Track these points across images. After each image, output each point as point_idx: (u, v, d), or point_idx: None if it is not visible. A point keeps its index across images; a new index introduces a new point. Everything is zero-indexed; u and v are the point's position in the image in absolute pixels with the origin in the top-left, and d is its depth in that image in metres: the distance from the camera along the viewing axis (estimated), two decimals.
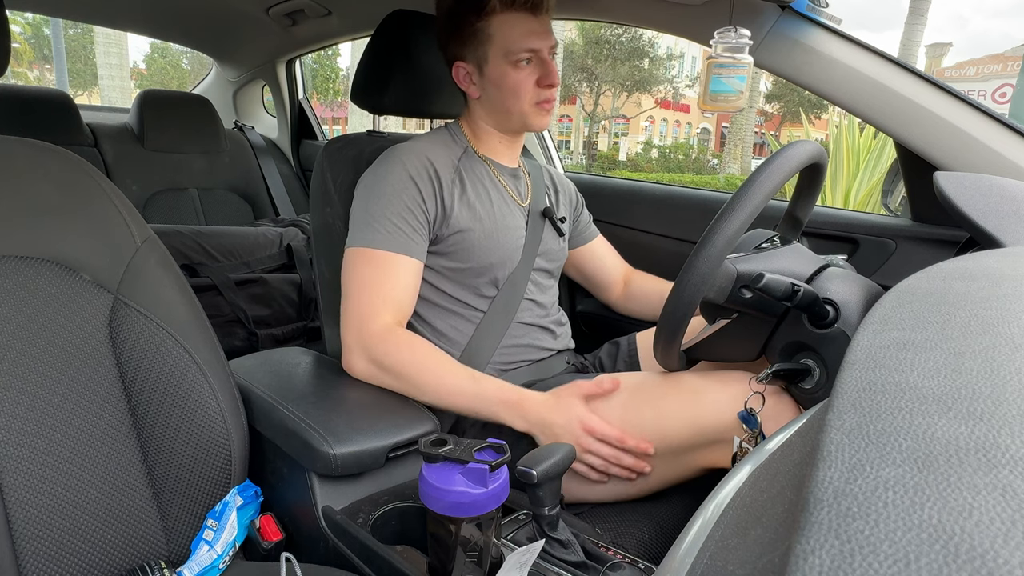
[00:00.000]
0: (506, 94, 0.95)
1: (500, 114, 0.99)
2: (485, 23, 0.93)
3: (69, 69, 16.69)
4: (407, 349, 0.87)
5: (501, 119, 1.00)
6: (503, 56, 0.93)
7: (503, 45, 0.93)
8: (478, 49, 0.95)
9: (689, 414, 0.79)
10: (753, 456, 0.40)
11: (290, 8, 1.75)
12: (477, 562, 0.63)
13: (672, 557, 0.34)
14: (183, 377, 0.75)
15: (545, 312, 1.08)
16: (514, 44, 0.92)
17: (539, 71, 0.95)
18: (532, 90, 0.95)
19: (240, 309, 1.54)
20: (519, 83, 0.94)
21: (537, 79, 0.95)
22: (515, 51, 0.92)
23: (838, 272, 0.77)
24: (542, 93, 0.96)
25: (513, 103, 0.96)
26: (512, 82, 0.94)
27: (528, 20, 0.93)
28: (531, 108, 0.96)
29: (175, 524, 0.75)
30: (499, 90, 0.96)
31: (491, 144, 1.04)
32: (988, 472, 0.20)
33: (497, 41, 0.93)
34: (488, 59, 0.95)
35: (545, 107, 0.98)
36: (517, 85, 0.94)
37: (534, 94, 0.96)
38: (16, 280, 0.70)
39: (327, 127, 15.44)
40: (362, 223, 0.93)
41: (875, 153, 4.20)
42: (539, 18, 0.93)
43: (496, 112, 0.99)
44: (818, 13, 0.97)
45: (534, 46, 0.93)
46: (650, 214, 1.39)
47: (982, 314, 0.34)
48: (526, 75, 0.94)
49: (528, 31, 0.93)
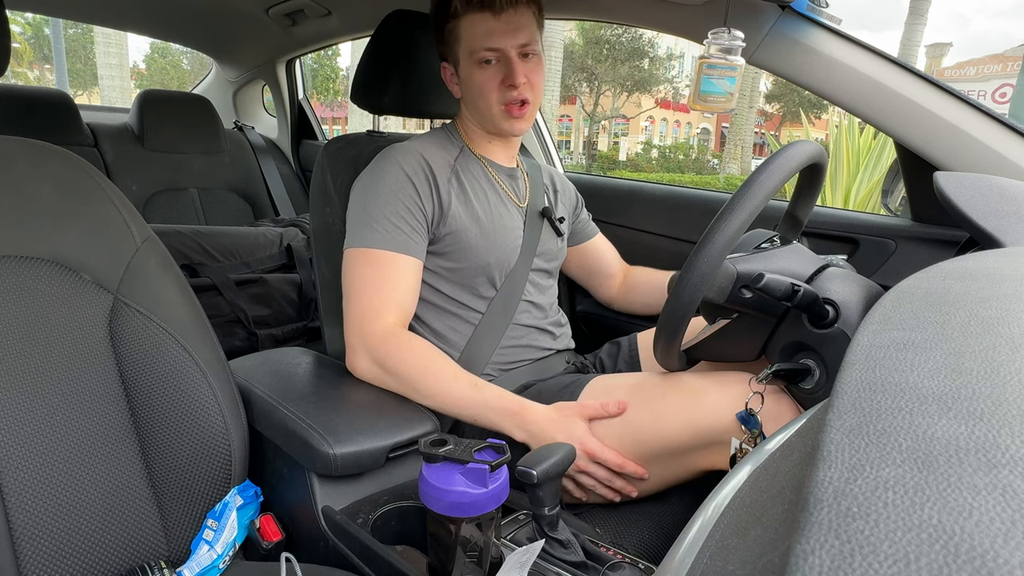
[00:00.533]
0: (475, 94, 0.97)
1: (476, 114, 1.01)
2: (454, 24, 0.95)
3: (69, 69, 16.70)
4: (409, 351, 0.87)
5: (479, 119, 1.01)
6: (469, 56, 0.95)
7: (468, 45, 0.95)
8: (453, 50, 0.97)
9: (689, 415, 0.79)
10: (753, 456, 0.40)
11: (290, 8, 1.75)
12: (477, 562, 0.63)
13: (672, 557, 0.34)
14: (183, 377, 0.75)
15: (544, 314, 1.08)
16: (476, 43, 0.93)
17: (503, 71, 0.94)
18: (497, 90, 0.95)
19: (240, 309, 1.54)
20: (483, 83, 0.95)
21: (502, 79, 0.94)
22: (477, 50, 0.94)
23: (838, 272, 0.76)
24: (507, 94, 0.95)
25: (482, 104, 0.97)
26: (477, 82, 0.95)
27: (488, 20, 0.92)
28: (498, 110, 0.96)
29: (175, 524, 0.75)
30: (469, 90, 0.98)
31: (484, 143, 1.05)
32: (988, 472, 0.20)
33: (463, 42, 0.95)
34: (460, 60, 0.97)
35: (513, 111, 0.96)
36: (481, 85, 0.95)
37: (499, 94, 0.95)
38: (16, 280, 0.70)
39: (327, 127, 15.45)
40: (360, 223, 0.93)
41: (875, 153, 4.20)
42: (499, 17, 0.92)
43: (474, 112, 1.01)
44: (818, 13, 0.97)
45: (495, 45, 0.93)
46: (650, 214, 1.39)
47: (982, 314, 0.34)
48: (490, 75, 0.95)
49: (488, 31, 0.93)
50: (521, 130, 0.99)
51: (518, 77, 0.93)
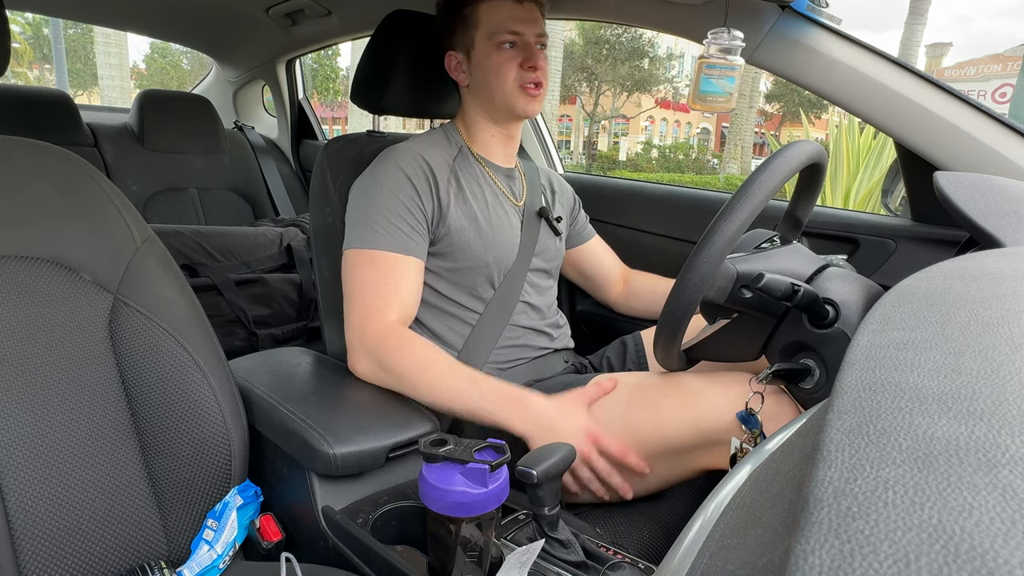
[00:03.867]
0: (489, 75, 0.98)
1: (487, 100, 1.01)
2: (472, 9, 0.97)
3: (69, 69, 16.70)
4: (408, 348, 0.86)
5: (488, 106, 1.02)
6: (488, 38, 0.97)
7: (488, 28, 0.97)
8: (466, 35, 0.99)
9: (689, 415, 0.79)
10: (753, 456, 0.40)
11: (290, 8, 1.75)
12: (477, 562, 0.63)
13: (672, 557, 0.34)
14: (183, 377, 0.75)
15: (541, 316, 1.08)
16: (498, 26, 0.96)
17: (523, 54, 0.97)
18: (515, 71, 0.98)
19: (240, 309, 1.54)
20: (501, 64, 0.97)
21: (520, 61, 0.97)
22: (499, 32, 0.96)
23: (838, 272, 0.76)
24: (525, 75, 0.98)
25: (496, 85, 0.98)
26: (495, 63, 0.97)
27: (510, 5, 0.97)
28: (514, 89, 0.98)
29: (175, 524, 0.75)
30: (483, 72, 0.99)
31: (485, 141, 1.05)
32: (988, 472, 0.20)
33: (483, 25, 0.97)
34: (475, 43, 0.98)
35: (530, 90, 0.98)
36: (499, 66, 0.97)
37: (517, 75, 0.98)
38: (16, 280, 0.70)
39: (327, 127, 15.44)
40: (360, 224, 0.93)
41: (875, 153, 4.20)
42: (523, 5, 0.97)
43: (483, 99, 1.01)
44: (818, 13, 0.97)
45: (518, 29, 0.97)
46: (650, 214, 1.39)
47: (982, 314, 0.34)
48: (508, 57, 0.97)
49: (511, 15, 0.97)
50: (534, 111, 1.01)
51: (538, 59, 0.98)
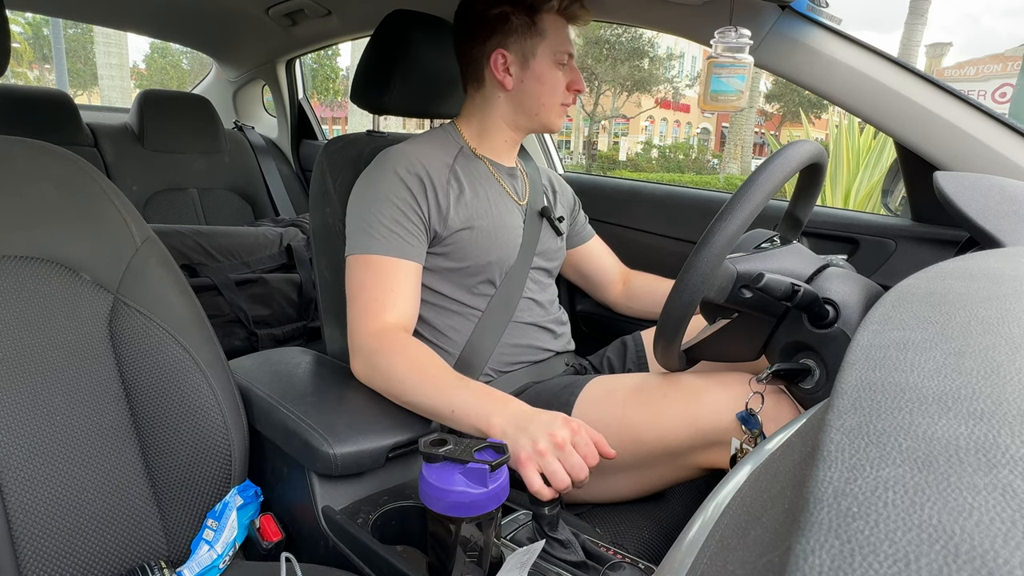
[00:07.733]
0: (545, 89, 1.00)
1: (527, 109, 1.02)
2: (542, 18, 0.98)
3: (69, 69, 16.70)
4: (400, 349, 0.84)
5: (522, 113, 1.02)
6: (551, 53, 0.99)
7: (554, 43, 0.99)
8: (527, 41, 0.99)
9: (689, 415, 0.79)
10: (753, 456, 0.40)
11: (290, 8, 1.75)
12: (477, 562, 0.63)
13: (672, 557, 0.34)
14: (183, 377, 0.75)
15: (545, 311, 1.08)
16: (561, 44, 0.99)
17: (571, 76, 1.02)
18: (562, 91, 1.01)
19: (240, 309, 1.54)
20: (556, 82, 1.00)
21: (568, 82, 1.01)
22: (560, 51, 0.99)
23: (838, 272, 0.76)
24: (567, 96, 1.02)
25: (548, 99, 1.01)
26: (553, 79, 1.00)
27: (567, 26, 1.01)
28: (556, 108, 1.02)
29: (175, 524, 0.75)
30: (540, 84, 1.00)
31: (494, 142, 1.05)
32: (988, 472, 0.20)
33: (549, 37, 0.99)
34: (536, 53, 0.99)
35: (565, 110, 1.04)
36: (555, 83, 1.00)
37: (562, 95, 1.01)
38: (16, 280, 0.70)
39: (327, 127, 15.44)
40: (358, 230, 0.93)
41: (875, 153, 4.20)
42: (573, 27, 1.02)
43: (523, 106, 1.02)
44: (818, 13, 0.97)
45: (571, 51, 1.01)
46: (650, 214, 1.39)
47: (982, 314, 0.34)
48: (562, 76, 1.01)
49: (567, 36, 1.01)
50: (559, 128, 1.07)
51: (583, 84, 1.04)
